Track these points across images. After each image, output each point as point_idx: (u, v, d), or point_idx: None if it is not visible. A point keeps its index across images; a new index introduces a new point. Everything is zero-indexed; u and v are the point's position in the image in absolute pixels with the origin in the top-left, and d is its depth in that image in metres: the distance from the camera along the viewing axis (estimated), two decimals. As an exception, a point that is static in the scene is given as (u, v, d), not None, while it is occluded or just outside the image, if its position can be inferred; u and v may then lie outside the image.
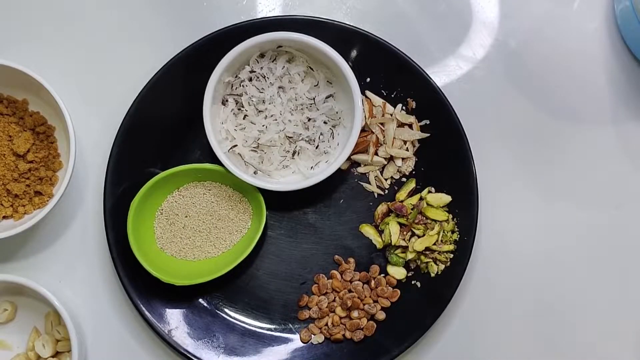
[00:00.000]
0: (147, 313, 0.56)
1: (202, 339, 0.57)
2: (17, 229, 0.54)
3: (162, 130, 0.59)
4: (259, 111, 0.52)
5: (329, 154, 0.54)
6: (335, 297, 0.59)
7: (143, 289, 0.57)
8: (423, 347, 0.59)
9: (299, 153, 0.53)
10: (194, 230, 0.58)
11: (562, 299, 0.60)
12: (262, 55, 0.53)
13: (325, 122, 0.53)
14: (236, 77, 0.53)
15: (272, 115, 0.52)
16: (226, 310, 0.59)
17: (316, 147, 0.53)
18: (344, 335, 0.58)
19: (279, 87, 0.52)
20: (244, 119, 0.53)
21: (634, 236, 0.61)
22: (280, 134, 0.52)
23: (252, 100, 0.52)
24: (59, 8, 0.61)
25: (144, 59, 0.60)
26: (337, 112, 0.54)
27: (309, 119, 0.52)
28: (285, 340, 0.58)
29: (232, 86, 0.53)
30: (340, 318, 0.58)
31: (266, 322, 0.59)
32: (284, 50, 0.53)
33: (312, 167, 0.54)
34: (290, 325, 0.59)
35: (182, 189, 0.58)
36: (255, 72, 0.53)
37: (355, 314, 0.58)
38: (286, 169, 0.54)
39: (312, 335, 0.58)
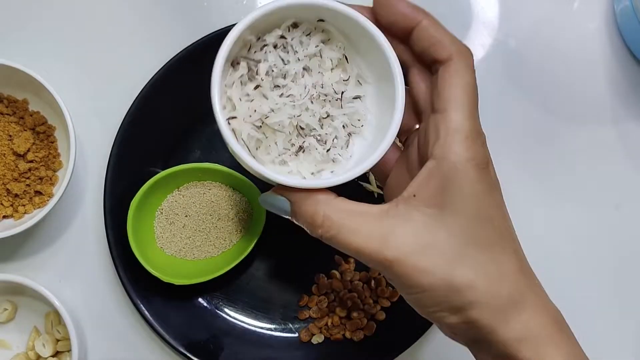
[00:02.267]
0: (147, 313, 0.56)
1: (202, 339, 0.57)
2: (17, 229, 0.54)
3: (162, 130, 0.59)
4: (276, 86, 0.41)
5: (338, 163, 0.42)
6: (335, 297, 0.59)
7: (143, 288, 0.57)
8: (423, 347, 0.59)
9: (304, 151, 0.42)
10: (194, 230, 0.58)
11: (562, 299, 0.60)
12: (295, 26, 0.42)
13: (343, 126, 0.42)
14: (259, 38, 0.41)
15: (289, 95, 0.41)
16: (226, 310, 0.59)
17: (327, 151, 0.42)
18: (344, 335, 0.58)
19: (304, 68, 0.41)
20: (255, 89, 0.41)
21: (634, 236, 0.61)
22: (293, 119, 0.41)
23: (272, 71, 0.41)
24: (59, 7, 0.61)
25: (144, 59, 0.60)
26: (359, 120, 0.43)
27: (328, 115, 0.41)
28: (285, 340, 0.58)
29: (250, 48, 0.42)
30: (340, 318, 0.58)
31: (266, 322, 0.59)
32: (322, 27, 0.42)
33: (312, 173, 0.42)
34: (290, 325, 0.59)
35: (182, 188, 0.58)
36: (285, 38, 0.41)
37: (355, 314, 0.58)
38: (282, 166, 0.42)
39: (312, 335, 0.58)
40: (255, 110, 0.40)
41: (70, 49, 0.61)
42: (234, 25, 0.38)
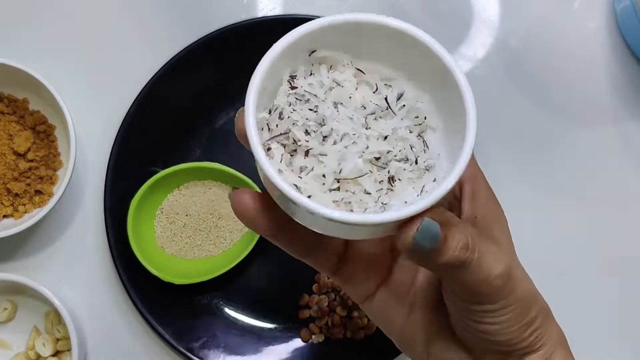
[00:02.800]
0: (147, 312, 0.56)
1: (202, 338, 0.57)
2: (17, 228, 0.54)
3: (163, 129, 0.59)
4: (325, 137, 0.35)
5: (434, 168, 0.36)
6: (335, 297, 0.58)
7: (143, 288, 0.57)
8: (423, 347, 0.59)
9: (394, 180, 0.35)
10: (194, 229, 0.58)
11: (562, 299, 0.60)
12: (293, 78, 0.36)
13: (410, 131, 0.36)
14: (270, 111, 0.36)
15: (343, 136, 0.35)
16: (226, 309, 0.59)
17: (415, 162, 0.36)
18: (344, 334, 0.58)
19: (334, 103, 0.36)
20: (306, 157, 0.35)
21: (634, 236, 0.61)
22: (364, 156, 0.35)
23: (309, 126, 0.35)
24: (59, 7, 0.61)
25: (144, 59, 0.60)
26: (417, 117, 0.37)
27: (393, 131, 0.35)
28: (286, 340, 0.58)
29: (268, 126, 0.36)
30: (341, 317, 0.58)
31: (266, 322, 0.59)
32: (319, 57, 0.36)
33: (419, 194, 0.35)
34: (290, 324, 0.59)
35: (183, 187, 0.58)
36: (296, 88, 0.36)
37: (356, 313, 0.58)
38: (386, 209, 0.35)
39: (313, 335, 0.58)
40: (320, 177, 0.34)
41: (71, 49, 0.61)
42: (234, 24, 0.36)
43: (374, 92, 0.36)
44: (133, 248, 0.55)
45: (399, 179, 0.34)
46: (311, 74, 0.36)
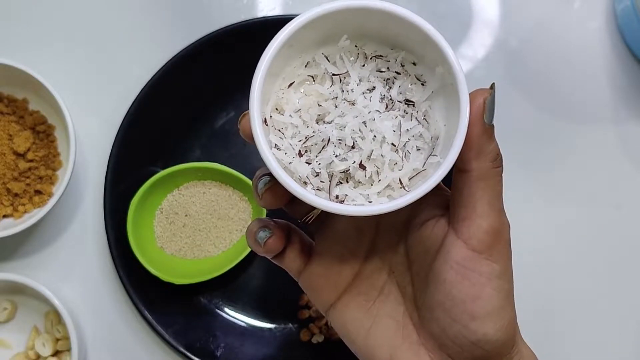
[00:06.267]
0: (147, 312, 0.56)
1: (202, 338, 0.57)
2: (17, 228, 0.54)
3: (162, 130, 0.59)
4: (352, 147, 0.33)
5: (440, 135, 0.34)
6: (335, 297, 0.58)
7: (143, 288, 0.57)
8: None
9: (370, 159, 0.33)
10: (194, 229, 0.58)
11: (562, 299, 0.60)
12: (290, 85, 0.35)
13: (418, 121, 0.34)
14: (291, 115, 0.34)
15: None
16: (226, 309, 0.59)
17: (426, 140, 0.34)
18: (344, 334, 0.58)
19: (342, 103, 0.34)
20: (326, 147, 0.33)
21: (634, 236, 0.61)
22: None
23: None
24: (59, 7, 0.61)
25: (144, 59, 0.60)
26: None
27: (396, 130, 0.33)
28: (285, 340, 0.58)
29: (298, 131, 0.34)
30: (341, 317, 0.58)
31: (266, 322, 0.59)
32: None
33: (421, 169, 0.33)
34: (290, 324, 0.59)
35: (182, 187, 0.58)
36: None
37: (355, 313, 0.58)
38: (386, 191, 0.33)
39: (312, 335, 0.58)
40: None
41: (71, 49, 0.61)
42: (234, 24, 0.35)
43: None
44: (133, 248, 0.55)
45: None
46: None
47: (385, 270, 0.37)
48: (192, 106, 0.58)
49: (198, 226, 0.58)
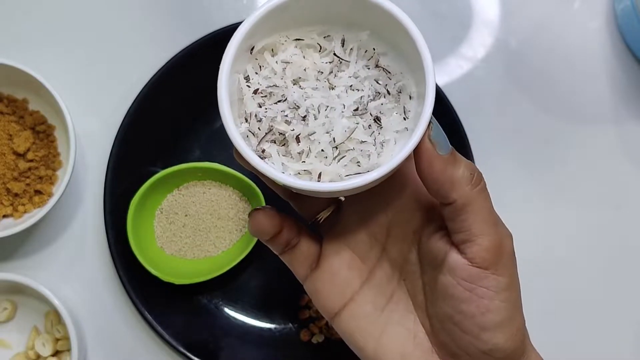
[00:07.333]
0: (146, 312, 0.56)
1: (202, 338, 0.57)
2: (17, 228, 0.54)
3: (162, 130, 0.59)
4: (304, 117, 0.34)
5: (405, 87, 0.36)
6: (335, 297, 0.58)
7: (143, 288, 0.57)
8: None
9: (379, 119, 0.35)
10: (194, 229, 0.58)
11: (562, 299, 0.60)
12: (247, 79, 0.36)
13: (368, 67, 0.36)
14: (247, 119, 0.35)
15: (319, 107, 0.34)
16: (226, 310, 0.59)
17: (388, 93, 0.36)
18: (344, 334, 0.58)
19: (293, 82, 0.35)
20: (299, 143, 0.34)
21: (634, 236, 0.61)
22: (344, 114, 0.34)
23: (287, 115, 0.34)
24: (59, 7, 0.61)
25: (144, 59, 0.60)
26: (366, 51, 0.36)
27: (354, 76, 0.35)
28: (286, 340, 0.58)
29: (252, 133, 0.35)
30: (341, 317, 0.58)
31: (266, 322, 0.59)
32: (259, 49, 0.36)
33: (405, 117, 0.35)
34: (290, 324, 0.59)
35: (182, 187, 0.58)
36: (257, 90, 0.35)
37: (355, 313, 0.58)
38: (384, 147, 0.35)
39: (312, 335, 0.58)
40: (323, 151, 0.34)
41: (70, 49, 0.61)
42: (234, 24, 0.36)
43: (320, 52, 0.36)
44: (133, 248, 0.55)
45: (383, 114, 0.35)
46: (260, 68, 0.36)
47: (395, 277, 0.37)
48: (192, 106, 0.58)
49: (198, 226, 0.58)
